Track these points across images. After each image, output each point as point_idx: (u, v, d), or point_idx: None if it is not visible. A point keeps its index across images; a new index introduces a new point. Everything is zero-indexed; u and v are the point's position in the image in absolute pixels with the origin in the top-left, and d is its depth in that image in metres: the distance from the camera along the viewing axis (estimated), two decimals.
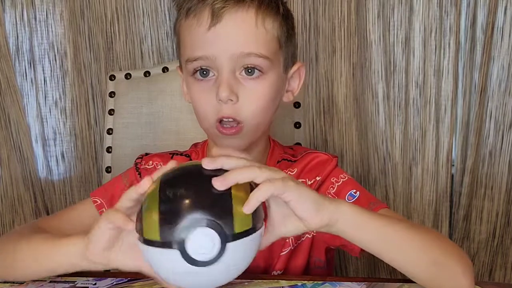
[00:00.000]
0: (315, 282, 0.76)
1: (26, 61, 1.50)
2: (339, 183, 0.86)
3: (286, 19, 0.84)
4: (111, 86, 1.21)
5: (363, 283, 0.77)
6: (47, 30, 1.48)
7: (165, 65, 1.23)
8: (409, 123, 1.44)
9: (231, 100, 0.79)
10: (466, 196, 1.49)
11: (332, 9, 1.40)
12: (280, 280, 0.77)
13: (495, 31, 1.39)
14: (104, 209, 0.90)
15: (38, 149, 1.55)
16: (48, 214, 1.56)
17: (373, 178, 1.48)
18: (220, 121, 0.81)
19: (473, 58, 1.42)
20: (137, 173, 0.93)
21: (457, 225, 1.52)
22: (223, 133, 0.81)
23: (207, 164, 0.60)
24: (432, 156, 1.45)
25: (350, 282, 0.77)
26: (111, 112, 1.20)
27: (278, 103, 0.87)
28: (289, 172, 0.89)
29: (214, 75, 0.81)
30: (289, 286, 0.75)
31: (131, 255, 0.66)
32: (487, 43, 1.40)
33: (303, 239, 0.89)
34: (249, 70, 0.80)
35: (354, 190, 0.85)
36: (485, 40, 1.40)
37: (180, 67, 0.88)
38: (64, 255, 0.72)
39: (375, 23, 1.41)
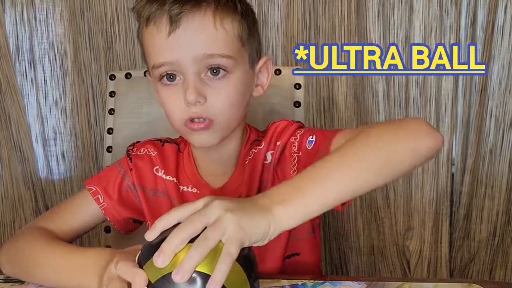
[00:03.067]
0: (316, 281, 0.76)
1: (26, 61, 1.50)
2: (297, 139, 0.88)
3: (246, 16, 0.85)
4: (111, 85, 1.21)
5: (364, 282, 0.77)
6: (47, 30, 1.48)
7: None
8: None
9: (199, 102, 0.81)
10: (467, 195, 1.49)
11: (332, 8, 1.40)
12: (281, 280, 0.77)
13: (495, 30, 1.39)
14: (99, 196, 0.91)
15: (38, 149, 1.55)
16: None
17: None
18: (191, 120, 0.83)
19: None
20: (128, 159, 0.95)
21: (457, 224, 1.52)
22: (193, 129, 0.83)
23: (149, 236, 0.61)
24: None
25: (350, 282, 0.77)
26: (111, 111, 1.20)
27: (248, 99, 0.89)
28: (257, 147, 0.91)
29: (180, 78, 0.82)
30: (289, 285, 0.76)
31: None
32: (487, 42, 1.40)
33: None
34: (214, 71, 0.81)
35: (311, 136, 0.87)
36: (485, 39, 1.40)
37: (149, 72, 0.90)
38: (80, 283, 0.73)
39: (375, 22, 1.41)
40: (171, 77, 0.82)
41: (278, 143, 0.90)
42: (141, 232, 1.00)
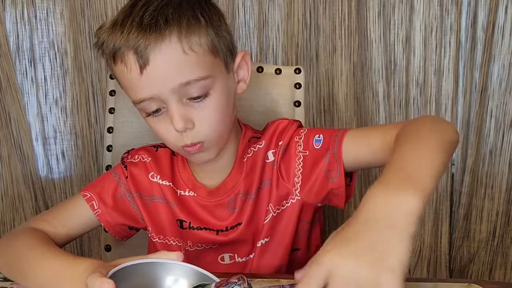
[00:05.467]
0: None
1: (27, 60, 1.50)
2: (302, 138, 0.89)
3: (211, 24, 0.82)
4: (111, 84, 1.21)
5: None
6: (48, 28, 1.48)
7: None
8: None
9: (189, 128, 0.81)
10: (467, 195, 1.49)
11: (333, 8, 1.40)
12: (281, 280, 0.78)
13: (496, 30, 1.39)
14: (94, 202, 0.91)
15: (38, 148, 1.55)
16: None
17: (374, 177, 1.48)
18: (185, 145, 0.84)
19: (473, 57, 1.42)
20: (123, 166, 0.95)
21: (457, 224, 1.52)
22: (189, 152, 0.84)
23: None
24: None
25: None
26: (111, 110, 1.20)
27: (233, 102, 0.88)
28: (257, 146, 0.91)
29: (164, 107, 0.82)
30: (289, 285, 0.76)
31: None
32: (487, 42, 1.40)
33: (287, 205, 0.91)
34: (195, 98, 0.81)
35: (318, 135, 0.87)
36: (485, 39, 1.40)
37: None
38: None
39: (375, 22, 1.41)
40: (156, 111, 0.82)
41: (280, 143, 0.90)
42: (140, 236, 1.01)
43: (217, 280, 0.64)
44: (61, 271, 0.74)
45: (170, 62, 0.78)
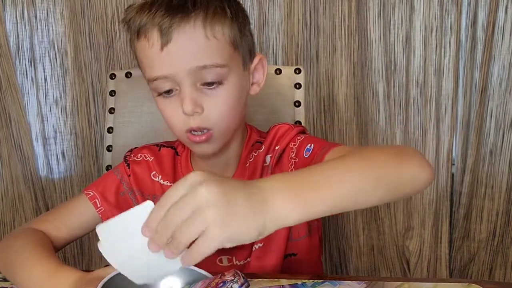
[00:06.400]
0: (315, 281, 0.76)
1: (27, 60, 1.50)
2: (296, 145, 0.89)
3: (236, 19, 0.84)
4: (111, 84, 1.21)
5: (363, 282, 0.77)
6: (48, 28, 1.48)
7: None
8: (409, 122, 1.44)
9: (197, 112, 0.81)
10: (467, 195, 1.49)
11: (333, 8, 1.40)
12: (281, 279, 0.78)
13: (496, 30, 1.39)
14: (97, 200, 0.92)
15: (38, 148, 1.55)
16: None
17: None
18: (191, 131, 0.83)
19: (473, 57, 1.42)
20: (125, 164, 0.95)
21: (457, 224, 1.52)
22: (194, 141, 0.84)
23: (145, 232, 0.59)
24: (432, 155, 1.45)
25: (350, 281, 0.77)
26: (111, 110, 1.20)
27: (245, 100, 0.89)
28: (258, 151, 0.91)
29: (177, 90, 0.83)
30: (289, 285, 0.76)
31: None
32: (487, 42, 1.40)
33: None
34: (208, 84, 0.82)
35: (309, 144, 0.87)
36: (485, 39, 1.40)
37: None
38: None
39: (375, 22, 1.41)
40: (168, 92, 0.83)
41: (277, 147, 0.91)
42: None
43: (210, 276, 0.64)
44: (44, 278, 0.75)
45: (191, 44, 0.80)
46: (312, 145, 0.87)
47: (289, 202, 0.59)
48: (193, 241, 0.55)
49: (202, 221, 0.54)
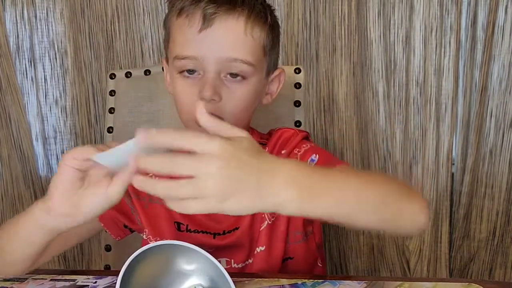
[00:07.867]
0: (315, 281, 0.76)
1: (27, 60, 1.50)
2: (301, 152, 0.90)
3: (273, 29, 0.89)
4: (111, 84, 1.21)
5: (363, 281, 0.77)
6: (48, 28, 1.48)
7: None
8: (409, 122, 1.44)
9: (214, 100, 0.83)
10: (466, 195, 1.49)
11: (333, 7, 1.40)
12: (281, 279, 0.78)
13: (496, 29, 1.39)
14: None
15: (38, 148, 1.55)
16: None
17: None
18: None
19: (473, 57, 1.42)
20: None
21: (457, 224, 1.52)
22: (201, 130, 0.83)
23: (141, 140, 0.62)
24: (432, 155, 1.45)
25: (350, 281, 0.77)
26: (111, 110, 1.20)
27: (257, 104, 0.92)
28: None
29: (199, 74, 0.85)
30: (289, 284, 0.76)
31: (97, 191, 0.67)
32: (487, 41, 1.40)
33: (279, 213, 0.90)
34: (233, 75, 0.85)
35: (314, 155, 0.88)
36: (485, 38, 1.40)
37: (166, 59, 0.92)
38: (31, 220, 0.72)
39: (375, 22, 1.41)
40: (191, 71, 0.85)
41: (283, 151, 0.91)
42: (138, 238, 1.00)
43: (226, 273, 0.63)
44: (19, 215, 0.74)
45: (229, 35, 0.83)
46: (317, 156, 0.88)
47: (295, 190, 0.60)
48: None
49: (203, 188, 0.56)
